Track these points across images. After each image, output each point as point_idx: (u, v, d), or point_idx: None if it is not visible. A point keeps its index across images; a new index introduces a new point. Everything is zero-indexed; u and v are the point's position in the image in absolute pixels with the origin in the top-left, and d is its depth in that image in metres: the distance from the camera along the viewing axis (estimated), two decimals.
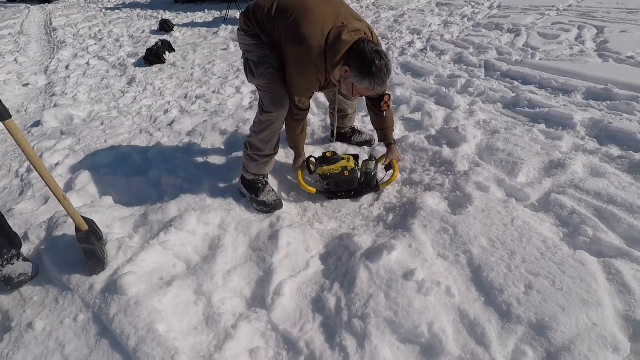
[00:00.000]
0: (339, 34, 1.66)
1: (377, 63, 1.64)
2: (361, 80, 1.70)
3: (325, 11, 1.72)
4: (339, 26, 1.68)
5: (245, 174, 2.07)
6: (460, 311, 1.37)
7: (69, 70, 5.19)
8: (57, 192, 1.45)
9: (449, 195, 1.98)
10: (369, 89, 1.75)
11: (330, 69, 1.74)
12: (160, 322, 1.37)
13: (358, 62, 1.66)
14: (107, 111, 3.68)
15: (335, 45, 1.67)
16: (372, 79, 1.68)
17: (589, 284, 1.36)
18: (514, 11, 5.91)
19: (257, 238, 1.83)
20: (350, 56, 1.68)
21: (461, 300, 1.41)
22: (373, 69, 1.64)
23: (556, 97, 2.96)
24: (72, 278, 1.60)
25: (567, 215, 1.74)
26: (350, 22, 1.70)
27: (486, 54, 4.08)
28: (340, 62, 1.69)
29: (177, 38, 6.60)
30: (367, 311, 1.38)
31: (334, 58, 1.69)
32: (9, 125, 1.29)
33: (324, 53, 1.69)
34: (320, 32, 1.67)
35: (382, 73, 1.67)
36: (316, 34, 1.67)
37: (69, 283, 1.59)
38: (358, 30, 1.70)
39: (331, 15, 1.71)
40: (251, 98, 3.72)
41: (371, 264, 1.53)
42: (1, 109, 1.25)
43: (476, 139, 2.44)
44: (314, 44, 1.67)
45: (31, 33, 8.44)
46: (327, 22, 1.69)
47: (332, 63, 1.70)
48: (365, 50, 1.64)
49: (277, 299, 1.51)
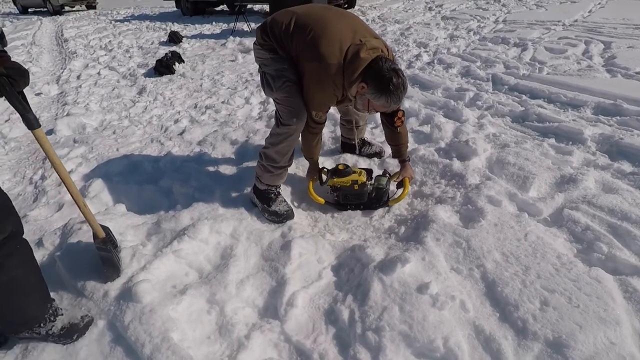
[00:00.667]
0: (357, 52, 1.69)
1: (394, 81, 1.67)
2: (378, 97, 1.73)
3: (342, 28, 1.76)
4: (357, 44, 1.71)
5: (258, 184, 2.09)
6: (475, 326, 1.37)
7: (81, 80, 5.27)
8: (78, 200, 1.46)
9: (461, 209, 1.98)
10: (384, 106, 1.78)
11: (347, 86, 1.77)
12: (175, 331, 1.38)
13: (376, 80, 1.69)
14: (118, 120, 3.73)
15: (353, 63, 1.70)
16: (389, 97, 1.71)
17: (606, 302, 1.35)
18: (519, 25, 5.97)
19: (269, 248, 1.84)
20: (367, 73, 1.71)
21: (476, 315, 1.40)
22: (390, 86, 1.68)
23: (565, 112, 2.98)
24: (87, 284, 1.61)
25: (580, 231, 1.73)
26: (368, 40, 1.73)
27: (493, 68, 4.12)
28: (358, 79, 1.72)
29: (185, 49, 6.71)
30: (381, 324, 1.37)
31: (352, 75, 1.72)
32: (37, 134, 1.32)
33: (342, 70, 1.72)
34: (338, 49, 1.71)
35: (399, 91, 1.70)
36: (334, 52, 1.70)
37: (84, 289, 1.60)
38: (376, 48, 1.73)
39: (348, 32, 1.74)
40: (260, 109, 3.77)
41: (385, 277, 1.53)
42: (32, 118, 1.28)
43: (486, 152, 2.45)
44: (332, 62, 1.71)
45: (43, 44, 8.60)
46: (344, 39, 1.72)
47: (350, 80, 1.73)
48: (383, 68, 1.67)
49: (290, 309, 1.51)
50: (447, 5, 8.70)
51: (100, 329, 1.44)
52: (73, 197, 1.45)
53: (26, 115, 1.27)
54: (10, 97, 1.22)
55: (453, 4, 8.91)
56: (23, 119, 1.29)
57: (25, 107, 1.25)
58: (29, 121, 1.29)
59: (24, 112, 1.26)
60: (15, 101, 1.23)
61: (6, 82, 1.20)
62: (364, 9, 9.67)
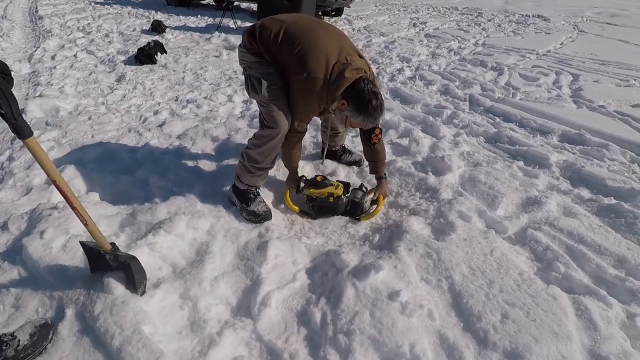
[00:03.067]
0: (343, 71, 1.77)
1: (373, 103, 1.78)
2: (356, 116, 1.83)
3: (330, 44, 1.83)
4: (343, 62, 1.79)
5: (238, 184, 2.10)
6: (440, 334, 1.44)
7: (55, 61, 5.07)
8: (83, 214, 1.38)
9: (433, 222, 2.07)
10: (361, 124, 1.89)
11: (329, 100, 1.85)
12: (146, 324, 1.37)
13: (356, 100, 1.79)
14: (94, 106, 3.62)
15: (338, 81, 1.78)
16: (367, 117, 1.82)
17: (560, 318, 1.46)
18: (497, 50, 6.25)
19: (246, 247, 1.85)
20: (349, 92, 1.79)
21: (441, 324, 1.48)
22: (369, 108, 1.78)
23: (534, 137, 3.16)
24: (55, 272, 1.57)
25: (541, 251, 1.85)
26: (353, 60, 1.82)
27: (471, 89, 4.29)
28: (340, 96, 1.81)
29: (168, 40, 6.57)
30: (352, 327, 1.42)
31: (335, 92, 1.80)
32: (30, 144, 1.19)
33: (327, 85, 1.80)
34: (324, 65, 1.78)
35: (377, 113, 1.82)
36: (321, 67, 1.78)
37: (51, 277, 1.56)
38: (360, 68, 1.83)
39: (335, 49, 1.82)
40: (242, 107, 3.76)
41: (358, 282, 1.58)
42: (24, 126, 1.13)
43: (460, 169, 2.56)
44: (318, 76, 1.78)
45: (15, 19, 8.19)
46: (331, 55, 1.80)
47: (333, 96, 1.82)
48: (364, 90, 1.77)
49: (263, 309, 1.53)
50: (431, 23, 8.97)
51: (68, 319, 1.41)
52: (78, 211, 1.37)
53: (16, 122, 1.11)
54: (6, 98, 1.07)
55: (436, 22, 9.20)
56: (12, 127, 1.12)
57: (16, 111, 1.10)
58: (20, 129, 1.13)
59: (13, 118, 1.09)
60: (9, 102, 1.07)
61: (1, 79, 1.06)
62: (350, 18, 9.81)
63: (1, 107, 1.08)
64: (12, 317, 1.47)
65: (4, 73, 1.09)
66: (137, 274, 1.49)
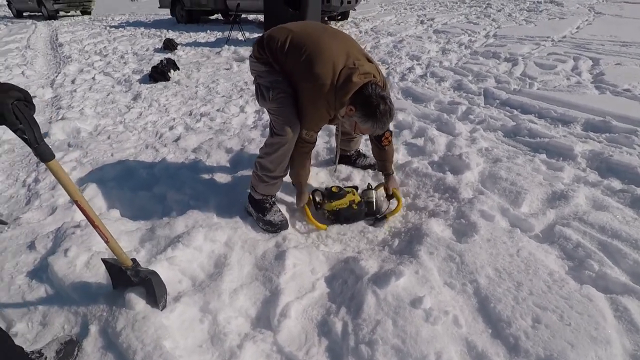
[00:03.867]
0: (350, 75, 1.73)
1: (381, 108, 1.72)
2: (364, 122, 1.77)
3: (336, 50, 1.80)
4: (351, 67, 1.76)
5: (254, 194, 2.09)
6: (468, 342, 1.37)
7: (75, 84, 5.24)
8: (104, 232, 1.41)
9: (454, 223, 2.00)
10: (370, 130, 1.82)
11: (338, 106, 1.81)
12: (167, 339, 1.37)
13: (363, 105, 1.74)
14: (113, 125, 3.71)
15: (345, 86, 1.74)
16: (375, 122, 1.75)
17: (597, 321, 1.37)
18: (509, 40, 6.09)
19: (263, 257, 1.84)
20: (357, 98, 1.75)
21: (468, 331, 1.41)
22: (377, 113, 1.72)
23: (556, 128, 3.04)
24: (80, 289, 1.60)
25: (572, 248, 1.76)
26: (361, 64, 1.78)
27: (485, 82, 4.19)
28: (348, 101, 1.77)
29: (180, 57, 6.72)
30: (374, 337, 1.38)
31: (343, 97, 1.76)
32: (52, 166, 1.23)
33: (334, 91, 1.76)
34: (331, 70, 1.75)
35: (385, 118, 1.75)
36: (328, 73, 1.75)
37: (76, 294, 1.58)
38: (368, 73, 1.78)
39: (342, 54, 1.79)
40: (255, 117, 3.78)
41: (378, 290, 1.54)
42: (46, 150, 1.17)
43: (479, 166, 2.48)
44: (325, 82, 1.75)
45: (38, 47, 8.55)
46: (338, 61, 1.77)
47: (341, 101, 1.77)
48: (371, 95, 1.72)
49: (282, 320, 1.50)
50: (439, 19, 8.85)
51: (92, 335, 1.42)
52: (98, 230, 1.39)
53: (39, 146, 1.14)
54: (29, 123, 1.10)
55: (444, 17, 9.07)
56: (35, 151, 1.16)
57: (39, 135, 1.14)
58: (42, 152, 1.16)
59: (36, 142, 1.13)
60: (33, 128, 1.11)
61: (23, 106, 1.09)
62: (357, 20, 9.79)
63: (25, 132, 1.12)
64: (40, 334, 1.50)
65: (27, 100, 1.13)
66: (157, 289, 1.50)
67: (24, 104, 1.10)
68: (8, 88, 1.08)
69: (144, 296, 1.51)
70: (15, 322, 1.55)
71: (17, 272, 1.81)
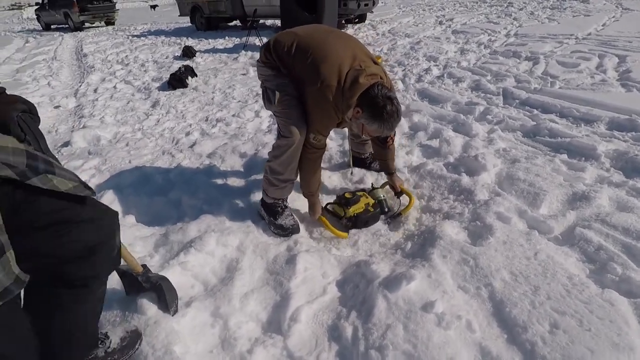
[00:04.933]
0: (357, 77, 1.72)
1: (388, 109, 1.69)
2: (371, 123, 1.76)
3: (342, 52, 1.80)
4: (357, 69, 1.75)
5: (265, 198, 2.10)
6: (482, 347, 1.32)
7: (97, 93, 5.42)
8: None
9: (469, 225, 1.95)
10: (377, 131, 1.80)
11: (345, 109, 1.80)
12: (178, 344, 1.38)
13: (370, 107, 1.72)
14: (131, 132, 3.80)
15: (353, 87, 1.73)
16: (382, 124, 1.73)
17: (620, 327, 1.30)
18: (531, 39, 5.94)
19: (275, 262, 1.84)
20: (363, 99, 1.73)
21: (482, 336, 1.36)
22: (384, 114, 1.70)
23: (578, 127, 2.93)
24: None
25: (593, 251, 1.68)
26: (368, 66, 1.77)
27: (504, 82, 4.09)
28: (354, 103, 1.75)
29: (199, 63, 6.85)
30: (384, 342, 1.35)
31: (350, 99, 1.75)
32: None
33: (341, 93, 1.76)
34: (337, 72, 1.75)
35: (392, 119, 1.73)
36: (334, 75, 1.74)
37: None
38: (375, 74, 1.77)
39: (348, 56, 1.79)
40: (269, 122, 3.80)
41: (389, 294, 1.51)
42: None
43: (496, 167, 2.42)
44: (332, 83, 1.74)
45: (63, 59, 8.90)
46: (344, 63, 1.76)
47: (348, 103, 1.76)
48: (378, 96, 1.70)
49: (293, 325, 1.50)
50: (458, 19, 8.73)
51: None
52: None
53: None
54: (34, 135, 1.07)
55: (464, 17, 8.94)
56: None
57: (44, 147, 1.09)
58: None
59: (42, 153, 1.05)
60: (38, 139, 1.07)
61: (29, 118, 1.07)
62: (374, 23, 9.77)
63: (30, 143, 1.13)
64: None
65: (32, 112, 1.14)
66: (168, 294, 1.51)
67: (29, 116, 1.11)
68: (14, 100, 1.09)
69: (155, 301, 1.53)
70: None
71: None
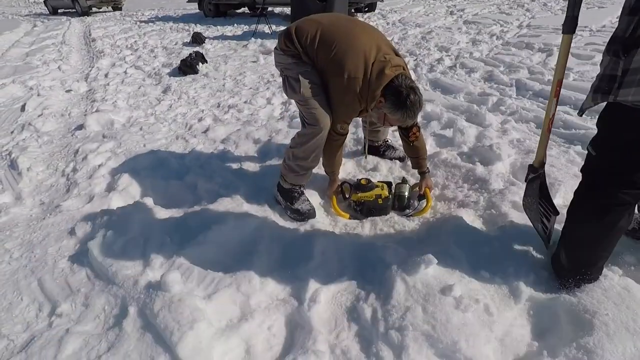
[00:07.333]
0: (383, 68, 1.76)
1: (411, 98, 1.74)
2: (394, 112, 1.80)
3: (367, 44, 1.82)
4: (382, 60, 1.79)
5: (283, 183, 2.13)
6: (499, 329, 1.36)
7: (108, 78, 5.44)
8: None
9: (484, 213, 1.97)
10: (399, 120, 1.85)
11: (369, 100, 1.83)
12: (202, 320, 1.41)
13: (393, 96, 1.77)
14: (144, 117, 3.83)
15: (379, 78, 1.77)
16: (405, 112, 1.78)
17: (636, 312, 1.33)
18: (544, 30, 5.88)
19: (292, 245, 1.87)
20: (386, 89, 1.77)
21: (499, 319, 1.40)
22: (407, 103, 1.75)
23: (592, 119, 2.92)
24: (118, 273, 1.67)
25: None
26: (392, 58, 1.81)
27: (517, 73, 4.07)
28: (380, 93, 1.79)
29: (208, 50, 6.84)
30: (404, 323, 1.38)
31: (376, 90, 1.79)
32: None
33: (367, 84, 1.79)
34: (363, 64, 1.78)
35: (415, 107, 1.77)
36: (360, 67, 1.78)
37: (115, 277, 1.66)
38: (398, 65, 1.81)
39: (373, 48, 1.81)
40: (282, 109, 3.82)
41: (408, 277, 1.54)
42: None
43: (510, 157, 2.43)
44: (358, 76, 1.78)
45: (72, 43, 8.89)
46: (369, 54, 1.79)
47: (373, 94, 1.80)
48: (402, 85, 1.75)
49: (312, 305, 1.52)
50: (469, 10, 8.63)
51: (131, 316, 1.49)
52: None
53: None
54: None
55: (475, 8, 8.84)
56: None
57: None
58: None
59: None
60: None
61: None
62: (384, 12, 9.67)
63: None
64: (83, 314, 1.58)
65: None
66: None
67: None
68: None
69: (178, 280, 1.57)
70: (60, 302, 1.64)
71: (59, 257, 1.92)
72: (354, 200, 2.17)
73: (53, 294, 1.70)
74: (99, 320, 1.55)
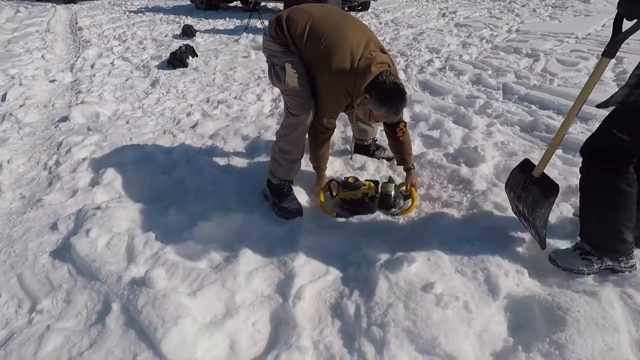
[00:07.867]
0: (369, 65, 1.79)
1: (395, 94, 1.78)
2: (379, 108, 1.82)
3: (355, 39, 1.84)
4: (368, 57, 1.81)
5: (272, 179, 2.14)
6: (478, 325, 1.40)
7: (94, 69, 5.33)
8: None
9: (467, 213, 2.01)
10: (384, 116, 1.87)
11: (355, 95, 1.86)
12: (187, 317, 1.42)
13: (378, 92, 1.79)
14: (131, 110, 3.78)
15: (364, 75, 1.80)
16: (389, 108, 1.81)
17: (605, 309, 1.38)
18: (532, 36, 5.98)
19: (278, 242, 1.89)
20: (372, 85, 1.80)
21: (478, 315, 1.44)
22: (391, 99, 1.79)
23: (574, 124, 3.00)
24: (101, 269, 1.66)
25: None
26: (377, 54, 1.84)
27: (504, 77, 4.14)
28: (364, 89, 1.81)
29: (199, 43, 6.76)
30: (386, 320, 1.41)
31: (361, 85, 1.81)
32: None
33: (353, 80, 1.82)
34: (350, 59, 1.81)
35: (399, 104, 1.82)
36: (346, 62, 1.81)
37: (98, 273, 1.65)
38: (384, 62, 1.84)
39: (361, 44, 1.84)
40: (272, 106, 3.81)
41: (391, 274, 1.57)
42: None
43: (494, 159, 2.48)
44: (345, 71, 1.81)
45: (57, 31, 8.68)
46: (356, 50, 1.82)
47: (359, 90, 1.83)
48: (386, 81, 1.78)
49: (297, 302, 1.54)
50: (461, 13, 8.71)
51: (114, 312, 1.48)
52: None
53: None
54: None
55: (467, 11, 8.92)
56: None
57: None
58: None
59: None
60: None
61: None
62: (377, 12, 9.70)
63: None
64: (64, 311, 1.56)
65: None
66: None
67: None
68: None
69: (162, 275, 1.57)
70: (41, 299, 1.61)
71: (40, 252, 1.88)
72: (341, 198, 2.19)
73: (33, 290, 1.67)
74: (81, 317, 1.53)
